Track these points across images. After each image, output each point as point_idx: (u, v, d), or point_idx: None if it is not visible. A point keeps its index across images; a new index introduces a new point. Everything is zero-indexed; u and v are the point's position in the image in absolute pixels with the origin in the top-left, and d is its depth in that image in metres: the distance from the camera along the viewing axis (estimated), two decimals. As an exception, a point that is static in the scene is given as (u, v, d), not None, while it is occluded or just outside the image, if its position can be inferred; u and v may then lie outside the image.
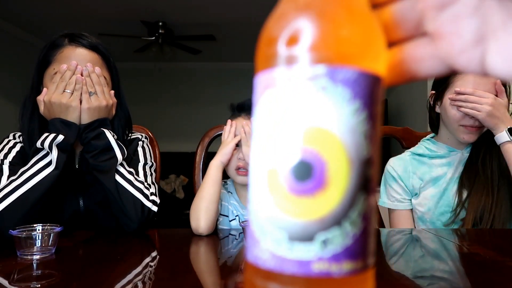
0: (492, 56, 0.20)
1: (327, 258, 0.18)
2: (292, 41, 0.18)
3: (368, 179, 0.19)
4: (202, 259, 0.79)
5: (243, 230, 0.81)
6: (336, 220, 0.18)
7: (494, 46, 0.19)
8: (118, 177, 0.91)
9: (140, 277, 0.60)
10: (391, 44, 0.22)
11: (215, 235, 0.91)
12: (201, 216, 0.89)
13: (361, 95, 0.18)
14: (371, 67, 0.19)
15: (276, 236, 0.18)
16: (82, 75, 0.92)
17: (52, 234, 0.69)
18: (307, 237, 0.18)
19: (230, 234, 0.95)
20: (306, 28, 0.18)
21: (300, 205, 0.18)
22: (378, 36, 0.20)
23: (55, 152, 0.85)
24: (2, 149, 0.95)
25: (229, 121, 1.09)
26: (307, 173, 0.18)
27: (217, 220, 0.98)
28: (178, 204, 4.47)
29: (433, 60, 0.22)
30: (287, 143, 0.18)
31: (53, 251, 0.70)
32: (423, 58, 0.22)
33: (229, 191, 1.12)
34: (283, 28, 0.19)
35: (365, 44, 0.19)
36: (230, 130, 1.05)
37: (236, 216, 1.08)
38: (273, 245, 0.18)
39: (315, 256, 0.18)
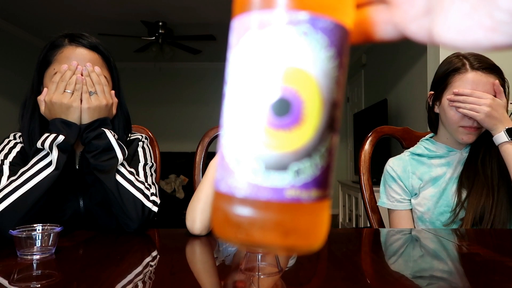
0: (438, 25, 0.21)
1: (299, 186, 0.20)
2: None
3: (334, 119, 0.21)
4: (202, 259, 0.79)
5: None
6: (308, 153, 0.20)
7: (440, 17, 0.21)
8: (118, 177, 0.91)
9: (140, 277, 0.60)
10: (356, 6, 0.25)
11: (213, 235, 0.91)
12: (196, 218, 0.89)
13: (335, 44, 0.20)
14: (344, 20, 0.21)
15: (254, 166, 0.20)
16: (82, 75, 0.92)
17: (52, 234, 0.69)
18: (282, 167, 0.20)
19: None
20: None
21: (277, 138, 0.20)
22: None
23: (55, 152, 0.85)
24: (3, 149, 0.95)
25: None
26: (285, 110, 0.20)
27: None
28: (178, 204, 4.47)
29: (387, 25, 0.24)
30: (268, 82, 0.20)
31: (53, 251, 0.70)
32: (380, 22, 0.24)
33: None
34: None
35: None
36: None
37: None
38: (249, 175, 0.20)
39: (288, 184, 0.20)
